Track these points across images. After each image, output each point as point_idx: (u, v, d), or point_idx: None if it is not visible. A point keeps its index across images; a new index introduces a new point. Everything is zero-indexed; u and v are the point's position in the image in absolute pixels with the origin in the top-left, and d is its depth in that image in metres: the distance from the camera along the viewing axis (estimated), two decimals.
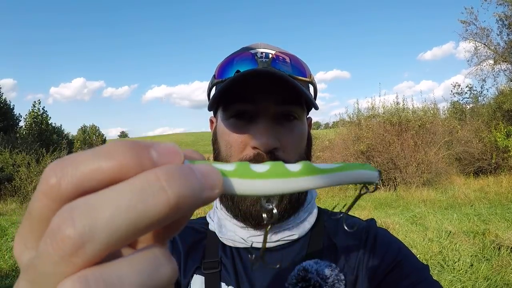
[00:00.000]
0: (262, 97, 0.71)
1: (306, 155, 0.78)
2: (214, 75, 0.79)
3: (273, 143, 0.69)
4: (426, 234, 5.79)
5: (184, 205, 0.19)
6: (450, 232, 5.77)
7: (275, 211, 0.28)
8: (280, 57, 0.74)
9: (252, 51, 0.75)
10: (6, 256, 5.55)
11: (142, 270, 0.19)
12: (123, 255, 0.20)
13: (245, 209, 0.72)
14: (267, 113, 0.71)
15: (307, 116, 0.84)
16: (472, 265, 4.50)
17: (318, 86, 0.84)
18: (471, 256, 4.77)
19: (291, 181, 0.25)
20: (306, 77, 0.76)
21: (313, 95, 0.82)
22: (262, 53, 0.74)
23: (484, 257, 4.72)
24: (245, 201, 0.72)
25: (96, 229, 0.18)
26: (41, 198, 0.20)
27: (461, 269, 4.41)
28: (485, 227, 5.95)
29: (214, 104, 0.76)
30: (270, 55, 0.73)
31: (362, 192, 0.39)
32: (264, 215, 0.29)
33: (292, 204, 0.74)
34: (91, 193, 0.19)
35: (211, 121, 0.87)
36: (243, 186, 0.24)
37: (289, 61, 0.75)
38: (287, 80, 0.65)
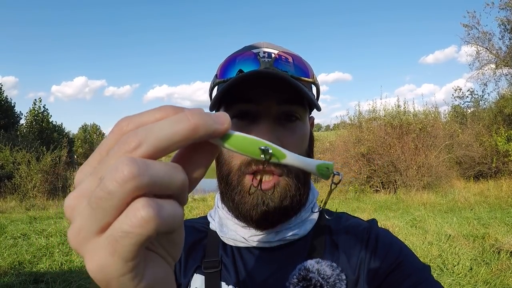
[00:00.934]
0: (264, 98, 0.70)
1: (308, 156, 0.78)
2: (216, 75, 0.78)
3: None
4: (425, 237, 5.79)
5: (201, 130, 0.29)
6: (450, 236, 5.77)
7: (270, 150, 0.35)
8: (283, 57, 0.73)
9: (255, 51, 0.74)
10: (5, 254, 5.52)
11: (168, 167, 0.28)
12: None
13: (244, 212, 0.72)
14: (269, 114, 0.71)
15: (309, 116, 0.83)
16: (471, 268, 4.50)
17: (320, 88, 0.83)
18: (470, 259, 4.77)
19: (272, 144, 0.35)
20: (309, 78, 0.76)
21: (315, 96, 0.81)
22: (264, 52, 0.74)
23: (484, 261, 4.72)
24: (245, 204, 0.72)
25: (149, 137, 0.27)
26: (112, 135, 0.30)
27: (461, 273, 4.41)
28: (485, 231, 5.96)
29: (216, 105, 0.76)
30: (273, 55, 0.73)
31: (332, 187, 0.47)
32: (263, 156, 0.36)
33: (294, 205, 0.73)
34: None
35: None
36: (242, 136, 0.34)
37: (291, 61, 0.74)
38: (289, 81, 0.64)
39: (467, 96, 18.75)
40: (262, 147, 0.34)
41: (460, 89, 18.87)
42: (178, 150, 0.32)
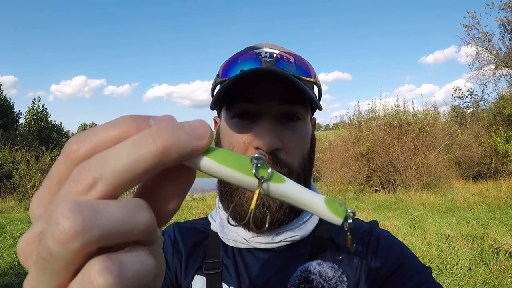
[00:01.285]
0: (265, 97, 0.70)
1: (309, 156, 0.78)
2: (218, 74, 0.78)
3: (275, 144, 0.68)
4: (425, 238, 5.79)
5: (172, 152, 0.23)
6: (449, 236, 5.77)
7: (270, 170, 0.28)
8: (285, 57, 0.73)
9: (257, 51, 0.74)
10: (5, 254, 5.52)
11: (126, 208, 0.22)
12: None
13: (243, 214, 0.72)
14: (270, 113, 0.70)
15: (311, 117, 0.83)
16: (470, 269, 4.50)
17: (322, 88, 0.83)
18: (469, 260, 4.77)
19: (248, 179, 0.27)
20: (311, 78, 0.75)
21: (317, 96, 0.81)
22: (266, 52, 0.73)
23: (483, 261, 4.72)
24: (243, 206, 0.72)
25: (105, 172, 0.22)
26: (63, 161, 0.24)
27: (460, 273, 4.41)
28: (484, 231, 5.96)
29: (217, 103, 0.76)
30: (275, 55, 0.73)
31: (347, 235, 0.32)
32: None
33: (293, 208, 0.73)
34: None
35: (215, 121, 0.87)
36: (228, 153, 0.27)
37: (293, 61, 0.74)
38: (291, 80, 0.64)
39: (466, 97, 18.76)
40: (255, 162, 0.27)
41: (460, 90, 18.88)
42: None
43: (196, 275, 0.77)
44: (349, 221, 0.29)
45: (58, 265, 0.21)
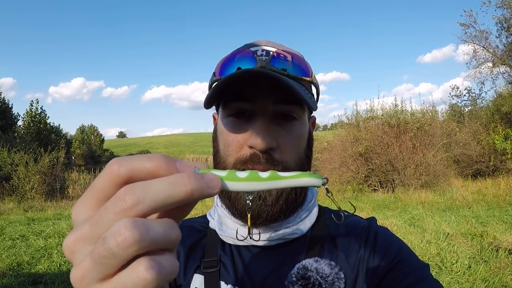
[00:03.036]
0: (260, 97, 0.70)
1: (306, 156, 0.77)
2: (214, 73, 0.78)
3: (269, 143, 0.68)
4: (424, 236, 5.80)
5: (196, 194, 0.31)
6: (448, 234, 5.78)
7: (249, 202, 0.44)
8: (281, 55, 0.73)
9: (253, 49, 0.74)
10: (4, 255, 5.50)
11: (165, 226, 0.30)
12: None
13: (240, 208, 0.72)
14: (265, 113, 0.70)
15: (311, 116, 0.83)
16: (470, 267, 4.51)
17: (319, 88, 0.83)
18: (469, 258, 4.78)
19: (260, 183, 0.38)
20: (308, 77, 0.75)
21: (315, 95, 0.81)
22: (263, 50, 0.73)
23: (482, 259, 4.73)
24: (240, 200, 0.72)
25: (146, 198, 0.29)
26: (104, 177, 0.31)
27: (459, 271, 4.41)
28: (483, 229, 5.97)
29: (214, 102, 0.75)
30: (271, 53, 0.72)
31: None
32: (248, 202, 0.43)
33: (289, 204, 0.73)
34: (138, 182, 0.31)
35: (214, 118, 0.86)
36: (230, 185, 0.36)
37: (290, 60, 0.73)
38: (280, 81, 0.63)
39: (464, 95, 18.83)
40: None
41: (458, 88, 18.94)
42: None
43: (195, 274, 0.77)
44: (323, 179, 0.41)
45: (114, 261, 0.28)
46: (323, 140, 15.37)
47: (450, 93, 19.17)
